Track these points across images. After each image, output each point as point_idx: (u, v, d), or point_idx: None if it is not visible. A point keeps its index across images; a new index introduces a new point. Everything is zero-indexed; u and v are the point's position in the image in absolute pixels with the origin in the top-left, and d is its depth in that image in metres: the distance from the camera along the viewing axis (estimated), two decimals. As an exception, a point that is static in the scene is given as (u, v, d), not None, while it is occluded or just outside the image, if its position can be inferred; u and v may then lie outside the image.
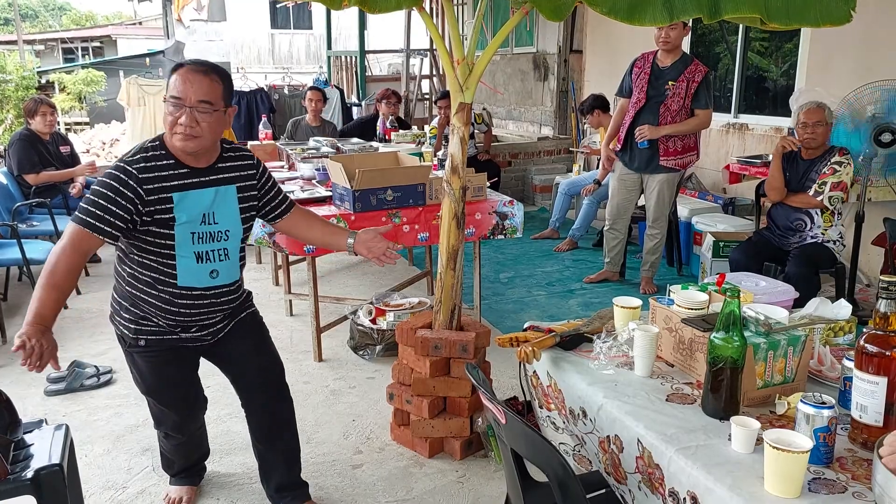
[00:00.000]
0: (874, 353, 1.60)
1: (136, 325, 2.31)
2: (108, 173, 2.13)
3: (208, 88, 2.14)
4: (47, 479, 2.06)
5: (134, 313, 2.31)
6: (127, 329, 2.33)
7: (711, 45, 6.99)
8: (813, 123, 3.92)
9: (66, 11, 39.99)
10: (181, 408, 2.56)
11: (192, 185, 2.20)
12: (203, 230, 2.24)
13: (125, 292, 2.32)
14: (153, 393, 2.50)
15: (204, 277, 2.27)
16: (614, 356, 2.07)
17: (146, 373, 2.42)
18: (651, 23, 2.54)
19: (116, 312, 2.36)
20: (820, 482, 1.51)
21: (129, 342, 2.35)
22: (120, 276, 2.33)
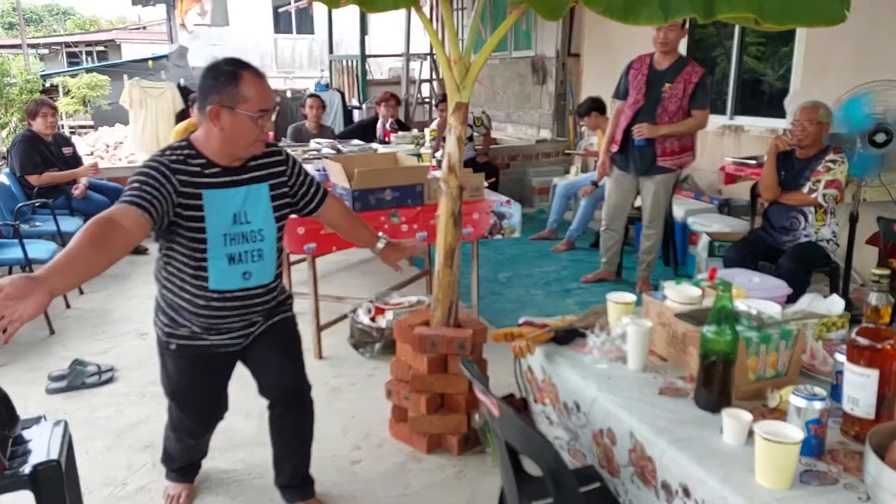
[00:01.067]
0: (866, 345, 1.61)
1: (169, 328, 2.32)
2: (143, 166, 2.10)
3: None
4: (45, 475, 2.07)
5: (169, 316, 2.31)
6: (161, 331, 2.35)
7: (708, 49, 7.01)
8: (806, 121, 3.94)
9: (70, 16, 40.07)
10: (200, 418, 2.56)
11: (223, 184, 2.16)
12: (235, 230, 2.20)
13: (162, 295, 2.33)
14: (177, 397, 2.47)
15: (237, 279, 2.23)
16: (608, 350, 2.09)
17: (174, 376, 2.41)
18: (646, 22, 2.55)
19: (156, 314, 2.37)
20: (811, 474, 1.52)
21: (162, 344, 2.37)
22: (158, 280, 2.33)
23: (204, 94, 2.10)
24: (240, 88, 2.07)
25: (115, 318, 4.67)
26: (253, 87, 2.08)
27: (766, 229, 4.23)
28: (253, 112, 2.08)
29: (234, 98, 2.06)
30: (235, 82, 2.06)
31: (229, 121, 2.09)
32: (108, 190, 6.07)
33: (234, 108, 2.07)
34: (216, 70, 2.10)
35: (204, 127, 2.15)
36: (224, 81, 2.07)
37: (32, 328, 4.49)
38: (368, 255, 5.97)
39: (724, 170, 5.36)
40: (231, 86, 2.06)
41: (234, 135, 2.11)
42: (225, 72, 2.08)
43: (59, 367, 3.81)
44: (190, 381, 2.42)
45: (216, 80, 2.08)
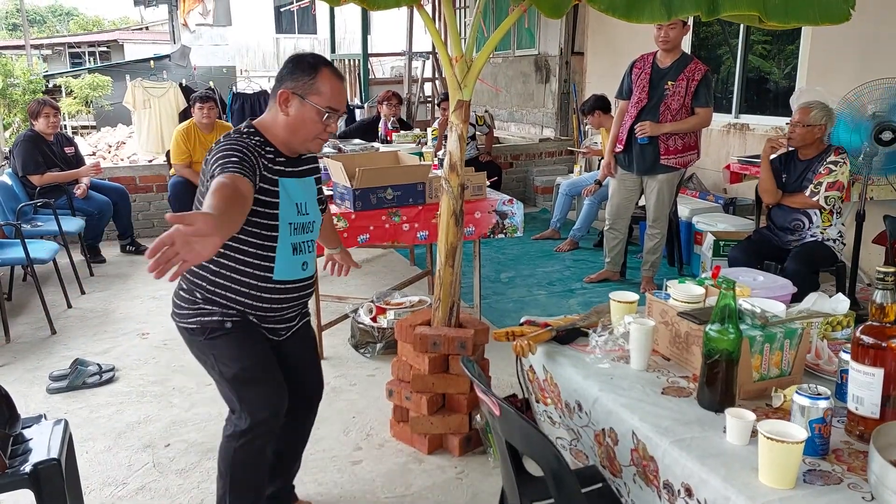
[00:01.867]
0: (870, 344, 1.60)
1: (221, 314, 2.17)
2: (228, 147, 2.02)
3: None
4: (45, 474, 2.07)
5: (221, 304, 2.16)
6: (210, 316, 2.16)
7: (713, 47, 6.99)
8: (795, 122, 3.92)
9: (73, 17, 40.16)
10: (277, 380, 2.26)
11: (288, 173, 2.16)
12: (298, 221, 2.20)
13: (213, 284, 2.15)
14: (248, 367, 2.20)
15: (297, 270, 2.23)
16: (610, 350, 2.07)
17: (236, 350, 2.19)
18: (649, 20, 2.54)
19: (192, 305, 2.17)
20: (815, 473, 1.51)
21: (212, 327, 2.17)
22: (205, 268, 2.15)
23: (280, 80, 2.13)
24: (316, 80, 2.09)
25: (116, 318, 4.66)
26: (329, 83, 2.10)
27: (770, 229, 4.21)
28: (322, 106, 2.09)
29: (307, 88, 2.08)
30: (313, 74, 2.09)
31: (297, 109, 2.10)
32: (110, 190, 6.08)
33: (304, 97, 2.08)
34: (298, 60, 2.14)
35: (271, 112, 2.15)
36: (302, 71, 2.09)
37: (34, 328, 4.49)
38: (370, 255, 6.01)
39: (730, 168, 5.34)
40: (308, 76, 2.09)
41: (298, 124, 2.11)
42: (306, 62, 2.11)
43: (60, 366, 3.80)
44: (254, 349, 2.22)
45: (295, 68, 2.11)
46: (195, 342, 2.22)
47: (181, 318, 2.21)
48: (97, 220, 5.85)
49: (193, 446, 3.11)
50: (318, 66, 2.11)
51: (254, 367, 2.21)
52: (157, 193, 6.82)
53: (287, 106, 2.10)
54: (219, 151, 2.02)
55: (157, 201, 6.83)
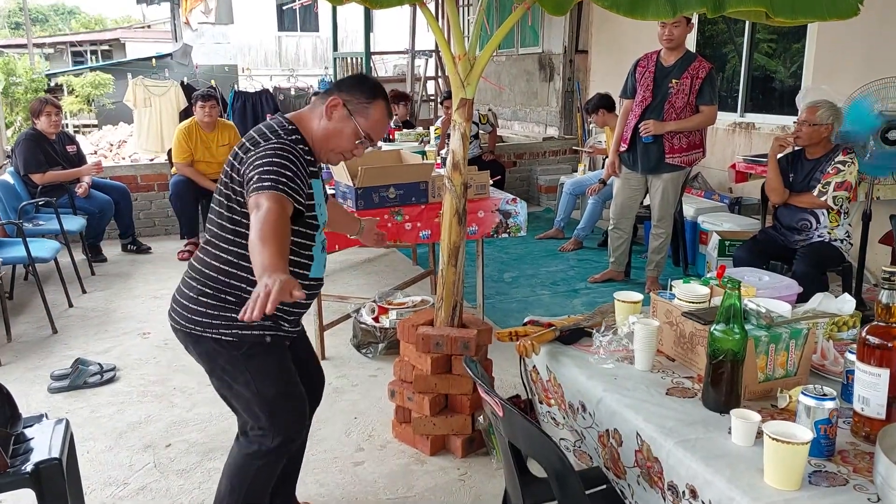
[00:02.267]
0: (876, 344, 1.58)
1: (260, 325, 2.07)
2: (277, 154, 1.96)
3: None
4: (46, 473, 2.06)
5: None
6: (243, 329, 2.06)
7: (718, 46, 6.96)
8: (801, 121, 3.89)
9: (75, 15, 40.24)
10: (303, 395, 2.23)
11: (315, 174, 2.16)
12: (322, 220, 2.22)
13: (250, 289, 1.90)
14: (285, 385, 2.15)
15: (323, 267, 2.24)
16: (614, 350, 2.06)
17: (275, 367, 2.13)
18: (654, 17, 2.52)
19: (223, 311, 2.06)
20: (821, 475, 1.49)
21: (251, 342, 2.08)
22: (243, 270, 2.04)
23: (337, 87, 2.16)
24: (371, 106, 2.12)
25: (117, 318, 4.66)
26: (379, 113, 2.14)
27: (777, 228, 4.18)
28: (363, 129, 2.12)
29: (359, 107, 2.11)
30: (371, 99, 2.12)
31: (339, 120, 2.11)
32: (111, 189, 6.07)
33: (352, 114, 2.11)
34: (363, 79, 2.19)
35: (314, 113, 2.14)
36: (362, 91, 2.12)
37: (35, 327, 4.48)
38: (372, 254, 6.00)
39: (735, 168, 5.31)
40: (366, 98, 2.12)
41: (335, 135, 2.12)
42: (369, 85, 2.16)
43: (61, 365, 3.79)
44: (289, 365, 2.18)
45: (357, 85, 2.14)
46: (226, 355, 2.10)
47: (206, 327, 2.07)
48: (98, 219, 5.84)
49: (194, 446, 3.10)
50: (377, 95, 2.15)
51: (288, 385, 2.16)
52: (159, 192, 6.81)
53: (332, 113, 2.10)
54: (271, 157, 1.95)
55: (159, 200, 6.82)
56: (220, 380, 2.17)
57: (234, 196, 2.03)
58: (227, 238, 2.06)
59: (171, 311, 2.16)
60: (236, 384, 2.13)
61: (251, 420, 2.16)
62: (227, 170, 2.06)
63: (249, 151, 2.00)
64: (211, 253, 2.09)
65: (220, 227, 2.08)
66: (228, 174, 2.05)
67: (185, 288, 2.14)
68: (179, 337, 2.17)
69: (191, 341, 2.13)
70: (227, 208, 2.05)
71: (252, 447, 2.16)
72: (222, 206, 2.07)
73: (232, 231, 2.05)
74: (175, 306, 2.15)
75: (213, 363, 2.14)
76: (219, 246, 2.08)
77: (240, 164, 2.01)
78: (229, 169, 2.05)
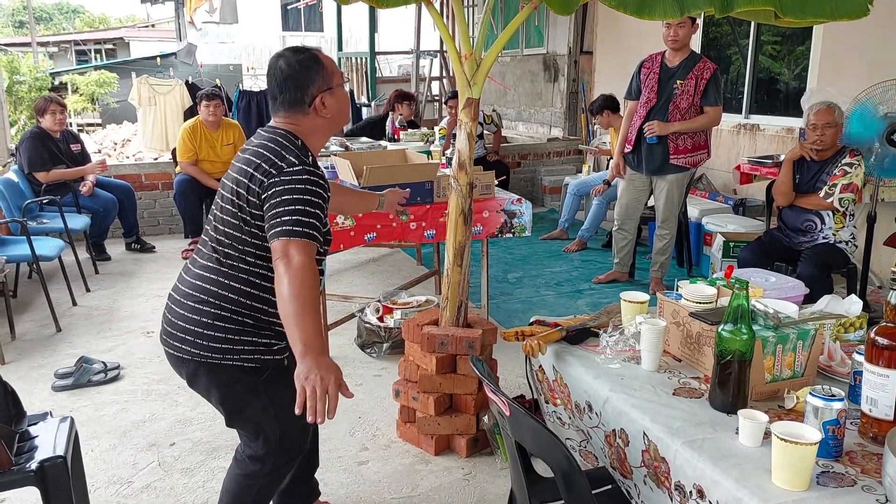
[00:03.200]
0: (885, 345, 1.58)
1: (276, 347, 2.03)
2: (304, 180, 1.88)
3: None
4: (51, 471, 2.06)
5: (275, 330, 2.00)
6: (268, 354, 2.01)
7: (723, 48, 6.95)
8: (822, 125, 3.86)
9: (79, 14, 40.28)
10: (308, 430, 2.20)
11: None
12: (329, 238, 2.16)
13: (272, 310, 1.96)
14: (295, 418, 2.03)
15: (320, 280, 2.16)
16: (621, 350, 2.06)
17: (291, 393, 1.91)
18: (661, 17, 2.51)
19: (240, 335, 1.98)
20: (828, 475, 1.49)
21: (271, 367, 2.03)
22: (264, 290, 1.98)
23: (300, 92, 1.99)
24: (324, 67, 2.02)
25: (121, 316, 4.66)
26: (326, 59, 2.05)
27: (781, 230, 4.17)
28: (343, 83, 2.07)
29: (328, 79, 2.02)
30: (319, 63, 2.02)
31: (331, 101, 2.03)
32: (116, 187, 6.08)
33: (332, 88, 2.03)
34: (298, 65, 2.01)
35: (306, 123, 2.02)
36: (312, 69, 2.01)
37: (39, 325, 4.48)
38: (377, 254, 6.00)
39: (740, 169, 5.30)
40: (319, 67, 2.01)
41: (339, 113, 2.07)
42: (310, 57, 2.02)
43: (65, 364, 3.79)
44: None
45: (306, 72, 2.00)
46: (247, 382, 2.02)
47: (226, 353, 1.97)
48: (103, 218, 5.85)
49: (198, 445, 3.10)
50: (312, 53, 2.04)
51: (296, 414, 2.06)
52: (163, 191, 6.81)
53: (325, 108, 2.02)
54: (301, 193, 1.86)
55: (163, 199, 6.83)
56: (233, 407, 2.08)
57: (252, 220, 1.93)
58: (247, 260, 1.97)
59: (173, 339, 2.01)
60: (250, 410, 2.06)
61: (259, 443, 2.10)
62: (241, 191, 1.93)
63: (272, 177, 1.89)
64: (226, 273, 1.97)
65: (235, 249, 1.97)
66: (243, 196, 1.93)
67: (189, 312, 1.99)
68: (188, 368, 2.03)
69: (206, 370, 2.01)
70: (246, 232, 1.95)
71: (253, 468, 2.12)
72: (236, 229, 1.96)
73: (253, 255, 1.96)
74: (179, 333, 2.00)
75: (230, 391, 2.04)
76: (237, 267, 1.97)
77: (259, 187, 1.90)
78: (244, 191, 1.92)
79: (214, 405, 2.12)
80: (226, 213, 1.98)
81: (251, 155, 1.97)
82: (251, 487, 2.14)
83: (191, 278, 2.03)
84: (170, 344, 2.03)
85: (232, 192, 1.97)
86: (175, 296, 2.06)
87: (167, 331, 2.04)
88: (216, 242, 2.01)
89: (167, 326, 2.04)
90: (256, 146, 1.99)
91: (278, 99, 2.02)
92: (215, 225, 2.02)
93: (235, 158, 2.07)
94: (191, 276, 2.04)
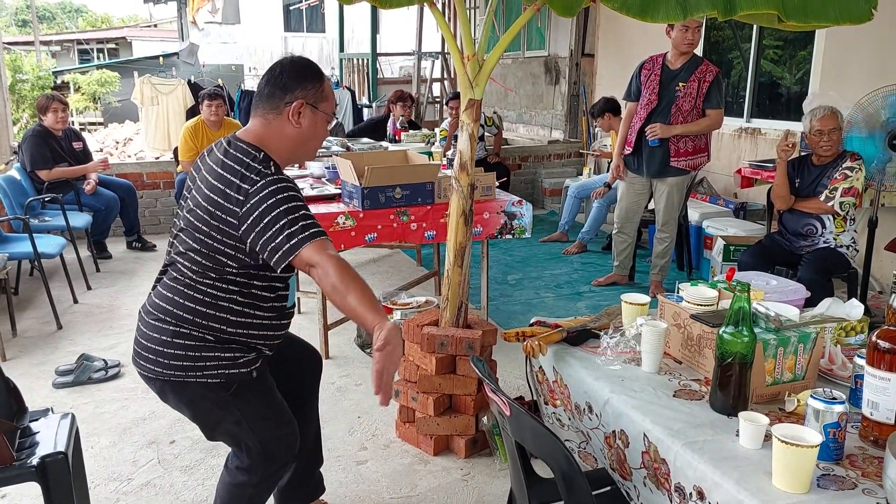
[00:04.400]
0: (886, 349, 1.58)
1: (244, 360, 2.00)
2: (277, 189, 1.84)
3: None
4: (52, 467, 2.07)
5: (240, 344, 2.00)
6: (233, 368, 1.98)
7: (724, 52, 6.96)
8: (829, 130, 3.84)
9: (82, 13, 40.31)
10: (293, 421, 2.17)
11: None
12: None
13: (235, 325, 1.98)
14: (276, 420, 2.09)
15: (293, 292, 2.19)
16: (621, 352, 2.06)
17: (263, 404, 2.07)
18: (664, 19, 2.51)
19: (203, 351, 1.96)
20: (829, 478, 1.49)
21: (241, 380, 2.00)
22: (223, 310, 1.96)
23: (283, 89, 1.96)
24: (322, 86, 2.00)
25: (122, 314, 4.66)
26: (329, 88, 2.04)
27: (782, 234, 4.17)
28: (329, 112, 2.03)
29: (318, 96, 1.98)
30: (320, 80, 2.00)
31: (309, 119, 1.98)
32: (117, 186, 6.08)
33: (316, 106, 1.98)
34: (300, 67, 2.00)
35: (273, 126, 1.97)
36: (310, 78, 1.98)
37: (40, 322, 4.49)
38: (376, 254, 6.00)
39: (741, 173, 5.31)
40: (316, 81, 1.99)
41: (310, 135, 2.01)
42: (311, 69, 2.01)
43: (66, 361, 3.80)
44: (277, 396, 2.12)
45: (302, 76, 1.98)
46: (213, 398, 2.00)
47: (188, 370, 1.95)
48: (104, 216, 5.85)
49: (198, 443, 3.10)
50: (320, 72, 2.03)
51: (279, 418, 2.10)
52: (164, 190, 6.82)
53: (299, 117, 1.96)
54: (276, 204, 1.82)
55: (164, 198, 6.84)
56: (207, 422, 2.09)
57: (219, 241, 1.90)
58: (207, 276, 1.94)
59: (139, 357, 2.00)
60: (224, 424, 2.05)
61: (242, 454, 2.10)
62: (204, 214, 1.89)
63: (243, 205, 1.84)
64: (184, 293, 1.95)
65: (198, 266, 1.94)
66: (207, 218, 1.89)
67: (150, 331, 1.98)
68: (155, 386, 2.03)
69: (171, 388, 2.00)
70: (209, 249, 1.91)
71: (241, 478, 2.12)
72: (202, 247, 1.92)
73: (216, 273, 1.93)
74: (143, 352, 1.99)
75: (198, 408, 2.04)
76: (195, 286, 1.95)
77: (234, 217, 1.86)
78: (208, 214, 1.88)
79: (190, 420, 2.11)
80: (187, 234, 1.95)
81: (215, 180, 1.91)
82: (241, 497, 2.14)
83: (154, 297, 2.02)
84: (137, 363, 2.03)
85: (194, 216, 1.93)
86: (141, 313, 2.05)
87: (135, 349, 2.03)
88: (174, 260, 1.99)
89: (135, 345, 2.03)
90: (216, 168, 1.93)
91: (264, 92, 1.99)
92: (173, 242, 2.01)
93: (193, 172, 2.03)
94: (154, 295, 2.03)
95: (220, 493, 2.19)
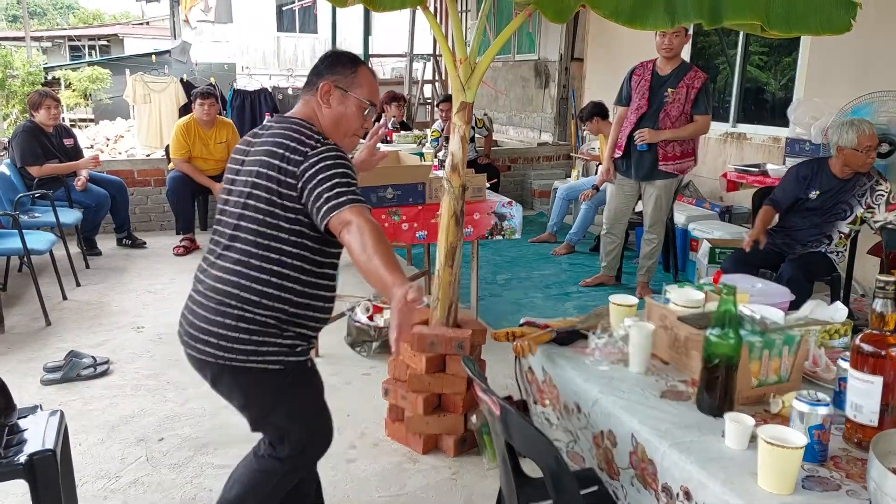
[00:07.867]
0: (870, 352, 1.61)
1: (300, 347, 2.01)
2: (337, 156, 1.92)
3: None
4: (40, 465, 2.06)
5: (301, 327, 2.00)
6: (294, 355, 2.00)
7: (711, 57, 7.02)
8: (875, 147, 3.80)
9: (73, 10, 40.08)
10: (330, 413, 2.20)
11: None
12: None
13: (297, 305, 1.97)
14: (322, 408, 2.14)
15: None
16: (609, 352, 2.08)
17: (315, 394, 2.11)
18: (653, 27, 2.55)
19: (266, 336, 1.94)
20: (814, 480, 1.51)
21: (296, 370, 2.01)
22: (287, 289, 1.95)
23: (318, 75, 2.08)
24: (357, 74, 2.08)
25: (111, 311, 4.65)
26: (367, 78, 2.10)
27: (779, 234, 4.14)
28: (364, 97, 2.08)
29: (349, 81, 2.06)
30: (354, 68, 2.08)
31: (339, 101, 2.06)
32: (108, 183, 6.06)
33: (347, 90, 2.06)
34: (335, 56, 2.12)
35: (309, 106, 2.08)
36: (343, 65, 2.08)
37: (29, 319, 4.47)
38: (368, 254, 5.99)
39: (727, 177, 5.36)
40: (349, 69, 2.07)
41: (342, 118, 2.07)
42: (346, 57, 2.12)
43: (54, 358, 3.79)
44: (321, 388, 2.16)
45: (335, 63, 2.09)
46: (271, 385, 1.99)
47: (251, 355, 1.93)
48: (94, 213, 5.83)
49: (187, 441, 3.11)
50: (357, 61, 2.11)
51: (326, 413, 2.15)
52: (155, 187, 6.80)
53: (328, 98, 2.05)
54: (333, 167, 1.89)
55: (155, 195, 6.81)
56: (260, 411, 2.06)
57: (282, 213, 1.91)
58: (270, 258, 1.92)
59: (196, 341, 1.97)
60: (275, 415, 2.04)
61: (283, 444, 2.07)
62: (271, 185, 1.91)
63: (301, 164, 1.90)
64: (245, 274, 1.93)
65: (258, 245, 1.92)
66: (274, 190, 1.91)
67: (212, 314, 1.94)
68: (211, 371, 1.99)
69: (230, 373, 1.97)
70: (272, 226, 1.92)
71: (273, 465, 2.09)
72: (261, 224, 1.92)
73: (277, 250, 1.93)
74: (202, 335, 1.95)
75: (254, 395, 2.03)
76: (258, 266, 1.92)
77: (293, 178, 1.90)
78: (274, 184, 1.91)
79: (238, 409, 2.09)
80: (249, 208, 1.94)
81: (272, 146, 1.96)
82: (267, 483, 2.11)
83: (210, 280, 1.98)
84: (192, 346, 1.99)
85: (256, 186, 1.94)
86: (195, 296, 2.02)
87: (189, 332, 1.99)
88: (235, 240, 1.96)
89: (189, 328, 1.99)
90: (274, 136, 1.99)
91: (307, 80, 2.11)
92: (235, 223, 1.97)
93: (240, 151, 2.06)
94: (210, 278, 1.99)
95: (242, 480, 2.14)
